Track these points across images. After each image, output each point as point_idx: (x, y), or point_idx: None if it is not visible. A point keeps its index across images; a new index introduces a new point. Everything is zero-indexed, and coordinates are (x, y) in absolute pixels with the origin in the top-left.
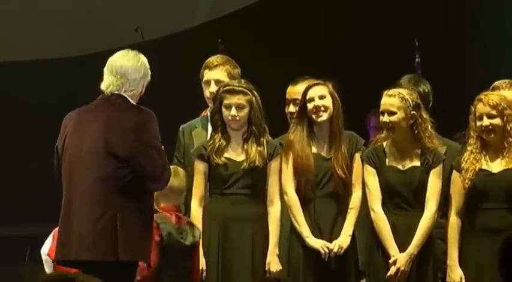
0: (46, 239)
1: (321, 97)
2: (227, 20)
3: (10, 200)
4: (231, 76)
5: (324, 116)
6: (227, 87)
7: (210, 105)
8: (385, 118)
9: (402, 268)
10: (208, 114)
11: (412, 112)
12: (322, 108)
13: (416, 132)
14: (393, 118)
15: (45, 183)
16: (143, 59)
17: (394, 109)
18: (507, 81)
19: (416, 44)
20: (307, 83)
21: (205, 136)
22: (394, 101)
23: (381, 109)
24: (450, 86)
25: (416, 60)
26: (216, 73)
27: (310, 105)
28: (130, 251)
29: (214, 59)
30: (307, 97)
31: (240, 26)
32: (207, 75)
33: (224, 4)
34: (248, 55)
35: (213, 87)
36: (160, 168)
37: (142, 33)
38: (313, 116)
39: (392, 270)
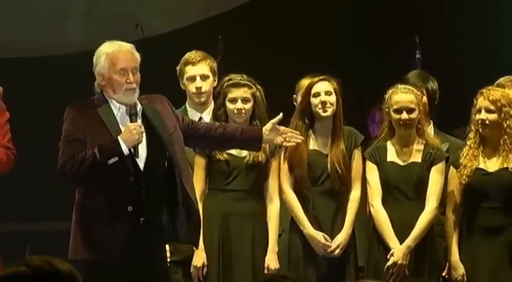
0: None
1: (327, 93)
2: (227, 17)
3: (10, 197)
4: (213, 70)
5: (329, 112)
6: (232, 81)
7: (196, 99)
8: (404, 116)
9: (399, 261)
10: (187, 106)
11: (421, 107)
12: (328, 104)
13: (419, 125)
14: (413, 115)
15: (44, 180)
16: (99, 48)
17: (413, 106)
18: (511, 77)
19: (417, 40)
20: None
21: None
22: (412, 97)
23: (397, 107)
24: (450, 83)
25: (417, 56)
26: (201, 68)
27: (316, 100)
28: (70, 248)
29: (195, 55)
30: (313, 92)
31: (240, 22)
32: (191, 70)
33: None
34: (248, 51)
35: (199, 82)
36: (58, 163)
37: (142, 29)
38: (319, 111)
39: (389, 262)
